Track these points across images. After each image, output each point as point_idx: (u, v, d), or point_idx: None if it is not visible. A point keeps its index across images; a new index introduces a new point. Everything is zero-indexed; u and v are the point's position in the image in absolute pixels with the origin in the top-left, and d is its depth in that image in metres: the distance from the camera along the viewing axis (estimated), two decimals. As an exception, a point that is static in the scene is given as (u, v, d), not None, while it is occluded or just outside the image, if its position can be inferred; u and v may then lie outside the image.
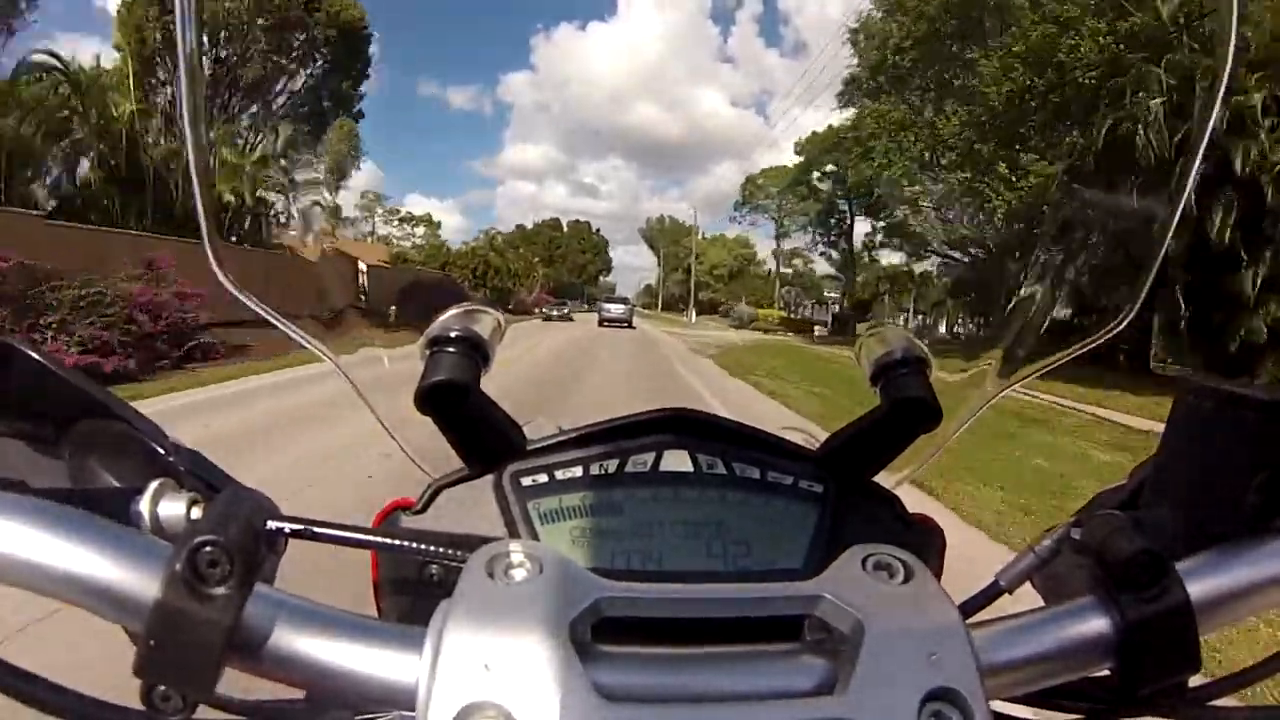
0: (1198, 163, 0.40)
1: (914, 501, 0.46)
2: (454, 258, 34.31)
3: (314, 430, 5.61)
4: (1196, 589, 0.31)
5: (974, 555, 3.50)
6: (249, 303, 0.39)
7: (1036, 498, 4.81)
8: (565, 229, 63.34)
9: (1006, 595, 0.36)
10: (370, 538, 0.34)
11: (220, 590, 0.25)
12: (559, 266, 55.62)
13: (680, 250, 60.05)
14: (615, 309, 26.45)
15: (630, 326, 24.76)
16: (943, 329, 26.53)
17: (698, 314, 46.13)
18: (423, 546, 0.33)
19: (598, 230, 66.20)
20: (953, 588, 0.31)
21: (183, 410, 6.51)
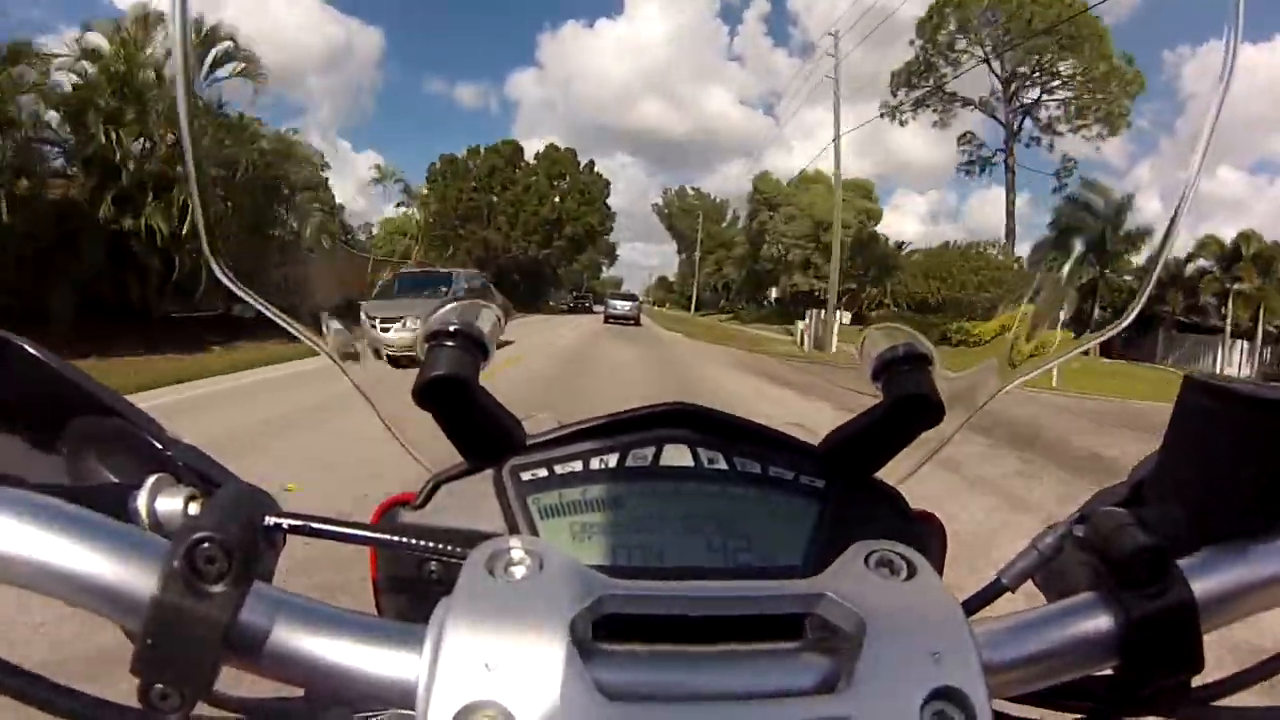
0: (1201, 163, 0.40)
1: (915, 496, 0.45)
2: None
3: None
4: (1200, 587, 0.30)
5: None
6: (247, 298, 0.39)
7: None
8: (533, 161, 35.16)
9: (1009, 592, 0.36)
10: (369, 534, 0.34)
11: (218, 588, 0.25)
12: (511, 226, 30.04)
13: (713, 227, 39.41)
14: (622, 306, 25.91)
15: (637, 324, 24.26)
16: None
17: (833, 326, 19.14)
18: (421, 543, 0.32)
19: (590, 164, 36.93)
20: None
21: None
